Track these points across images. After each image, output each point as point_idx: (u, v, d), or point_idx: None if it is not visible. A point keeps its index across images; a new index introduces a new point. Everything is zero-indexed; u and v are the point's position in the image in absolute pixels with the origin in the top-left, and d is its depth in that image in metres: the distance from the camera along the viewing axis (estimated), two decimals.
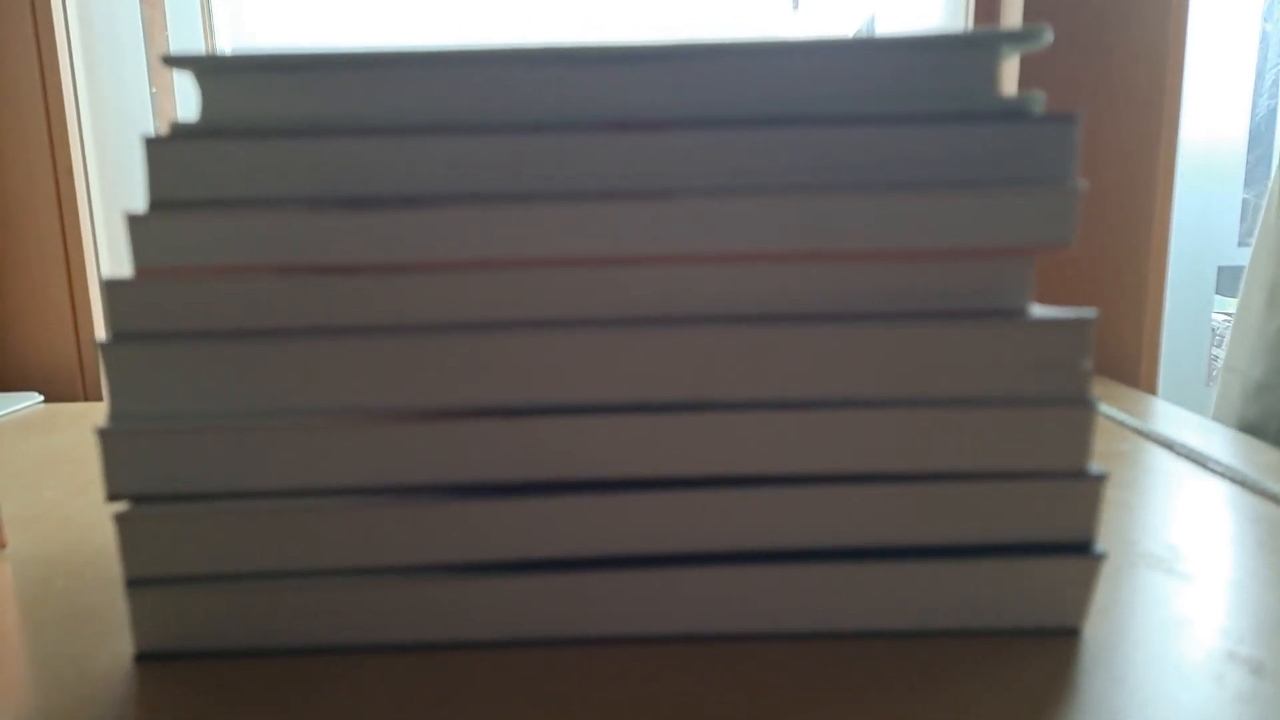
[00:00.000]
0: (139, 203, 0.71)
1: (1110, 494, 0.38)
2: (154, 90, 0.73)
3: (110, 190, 0.68)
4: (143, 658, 0.25)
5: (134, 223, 0.23)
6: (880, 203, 0.23)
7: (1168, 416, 0.52)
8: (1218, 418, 0.63)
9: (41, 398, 0.64)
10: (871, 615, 0.25)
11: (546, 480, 0.24)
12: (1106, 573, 0.29)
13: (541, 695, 0.23)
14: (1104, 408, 0.53)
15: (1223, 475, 0.40)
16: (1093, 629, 0.26)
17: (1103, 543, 0.32)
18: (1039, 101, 0.24)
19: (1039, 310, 0.25)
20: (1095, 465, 0.25)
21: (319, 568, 0.24)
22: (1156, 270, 0.64)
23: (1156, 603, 0.27)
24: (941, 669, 0.24)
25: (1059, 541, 0.25)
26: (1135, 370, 0.65)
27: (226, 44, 0.77)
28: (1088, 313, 0.24)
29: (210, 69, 0.24)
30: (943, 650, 0.25)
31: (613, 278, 0.24)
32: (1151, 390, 0.66)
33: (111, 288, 0.23)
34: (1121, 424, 0.50)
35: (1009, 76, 0.64)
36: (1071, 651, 0.24)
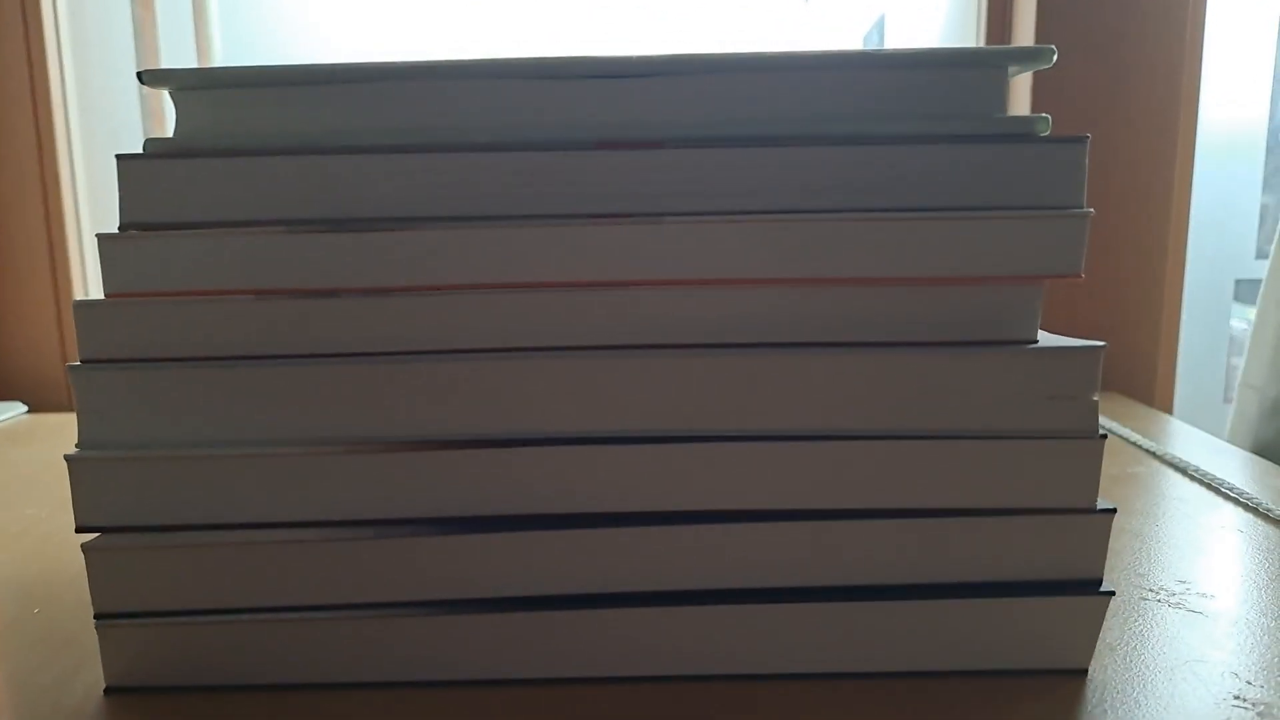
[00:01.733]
0: None
1: (1121, 521, 0.37)
2: (145, 90, 0.73)
3: (98, 197, 0.68)
4: (113, 690, 0.24)
5: (105, 244, 0.23)
6: (881, 227, 0.23)
7: (1182, 437, 0.51)
8: (1234, 435, 0.62)
9: (25, 407, 0.64)
10: (871, 657, 0.25)
11: (531, 514, 0.24)
12: (1115, 607, 0.29)
13: None
14: (1118, 427, 0.52)
15: (1238, 502, 0.40)
16: (1100, 668, 0.25)
17: (1112, 575, 0.32)
18: (1046, 123, 0.23)
19: (1047, 339, 0.24)
20: (1103, 500, 0.24)
21: (294, 603, 0.24)
22: (1173, 284, 0.64)
23: (1165, 641, 0.27)
24: (944, 711, 0.23)
25: (1065, 579, 0.24)
26: (1151, 387, 0.65)
27: (219, 48, 0.76)
28: (1096, 343, 0.23)
29: (186, 85, 0.23)
30: (945, 692, 0.24)
31: (602, 303, 0.23)
32: (1167, 408, 0.65)
33: (82, 310, 0.23)
34: (1135, 445, 0.49)
35: (1022, 91, 0.64)
36: (1077, 693, 0.24)
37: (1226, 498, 0.40)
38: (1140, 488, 0.42)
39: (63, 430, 0.57)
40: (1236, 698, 0.24)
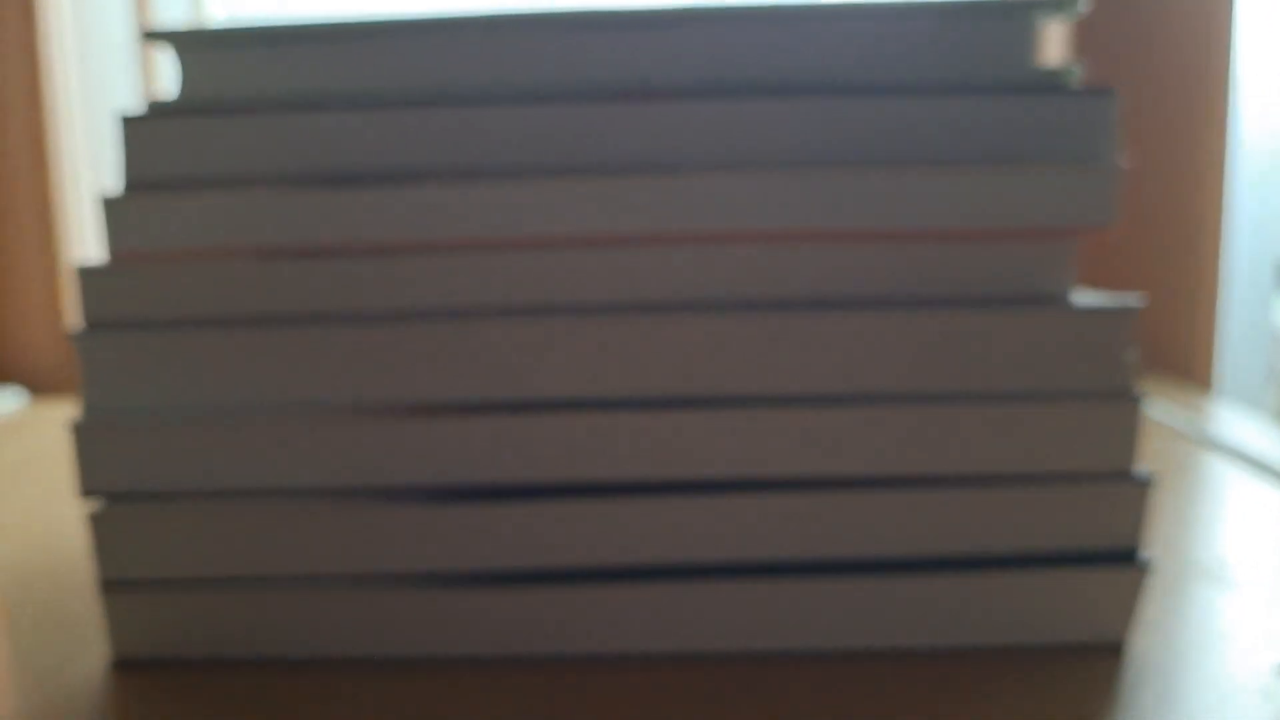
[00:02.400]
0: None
1: (1160, 500, 0.37)
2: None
3: (97, 169, 0.69)
4: (120, 665, 0.25)
5: (109, 205, 0.23)
6: (906, 179, 0.23)
7: (1224, 415, 0.51)
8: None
9: (24, 391, 0.64)
10: (899, 632, 0.24)
11: (545, 483, 0.24)
12: (1155, 584, 0.29)
13: (537, 716, 0.22)
14: (1156, 405, 0.52)
15: None
16: (1138, 643, 0.25)
17: (1151, 552, 0.31)
18: (1075, 74, 0.23)
19: (1081, 297, 0.24)
20: (1142, 467, 0.24)
21: (302, 573, 0.24)
22: (1210, 255, 0.63)
23: (1206, 616, 0.27)
24: (976, 687, 0.23)
25: (1102, 550, 0.24)
26: (1190, 364, 0.64)
27: (219, 12, 0.77)
28: (1133, 299, 0.23)
29: (189, 43, 0.23)
30: (978, 666, 0.24)
31: (616, 260, 0.23)
32: (1207, 386, 0.64)
33: (85, 274, 0.23)
34: (1174, 423, 0.49)
35: (1056, 48, 0.64)
36: (1115, 668, 0.24)
37: (1273, 475, 0.40)
38: (1180, 466, 0.42)
39: (65, 417, 0.58)
40: (1278, 669, 0.23)
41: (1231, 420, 0.50)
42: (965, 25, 0.24)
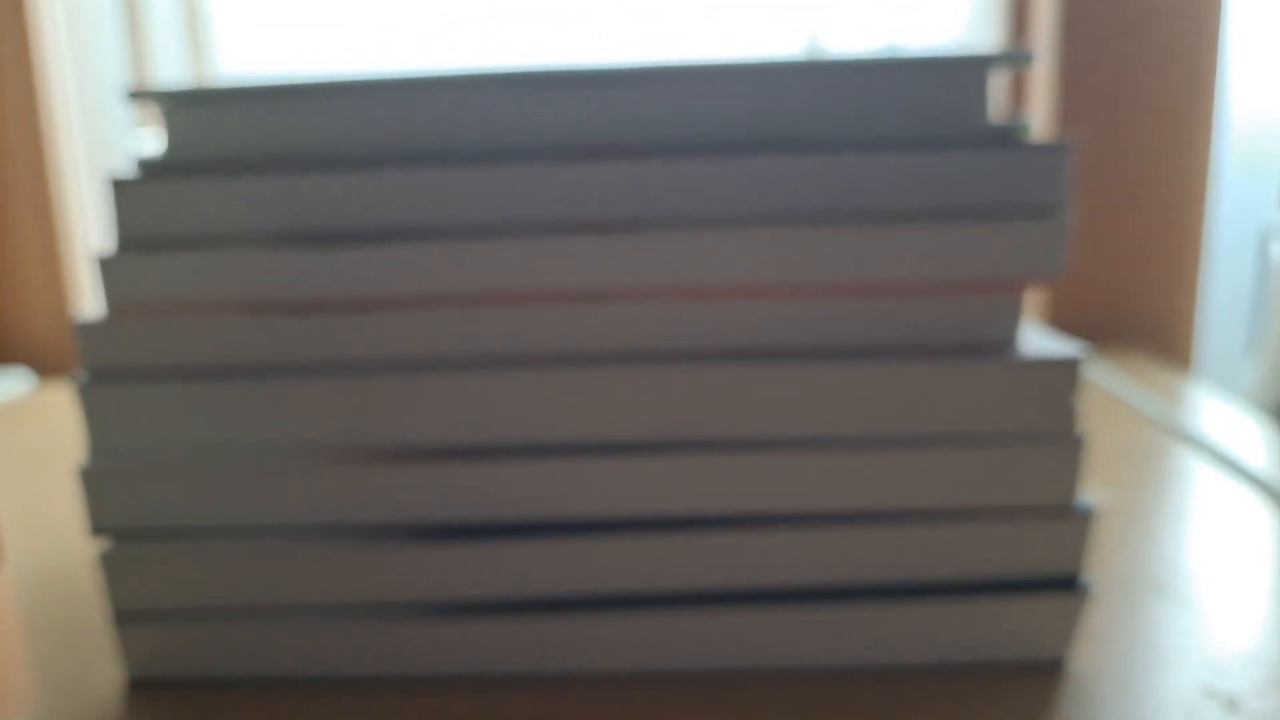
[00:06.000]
0: (121, 163, 0.71)
1: (1119, 497, 0.38)
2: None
3: (95, 149, 0.69)
4: (136, 683, 0.27)
5: (104, 264, 0.24)
6: (860, 234, 0.24)
7: (1201, 401, 0.52)
8: (1256, 389, 0.63)
9: (30, 372, 0.66)
10: (856, 652, 0.26)
11: (520, 521, 0.26)
12: (1102, 596, 0.31)
13: None
14: (1130, 390, 0.53)
15: (1253, 480, 0.41)
16: (1079, 660, 0.27)
17: (1103, 560, 0.33)
18: (1027, 129, 0.24)
19: (1030, 341, 0.26)
20: (1083, 500, 0.26)
21: (294, 604, 0.26)
22: (1193, 230, 0.64)
23: (1149, 631, 0.28)
24: (921, 702, 0.25)
25: (1044, 577, 0.26)
26: (1171, 339, 0.65)
27: (219, 62, 0.77)
28: (1077, 351, 0.25)
29: (176, 103, 0.25)
30: (923, 684, 0.26)
31: (584, 313, 0.25)
32: (1187, 361, 0.66)
33: (84, 329, 0.25)
34: (1146, 410, 0.50)
35: (1044, 19, 0.64)
36: (1052, 685, 0.26)
37: (1240, 473, 0.41)
38: (1146, 458, 0.43)
39: (71, 398, 0.59)
40: (1207, 689, 0.25)
41: (1206, 409, 0.51)
42: (919, 80, 0.25)
